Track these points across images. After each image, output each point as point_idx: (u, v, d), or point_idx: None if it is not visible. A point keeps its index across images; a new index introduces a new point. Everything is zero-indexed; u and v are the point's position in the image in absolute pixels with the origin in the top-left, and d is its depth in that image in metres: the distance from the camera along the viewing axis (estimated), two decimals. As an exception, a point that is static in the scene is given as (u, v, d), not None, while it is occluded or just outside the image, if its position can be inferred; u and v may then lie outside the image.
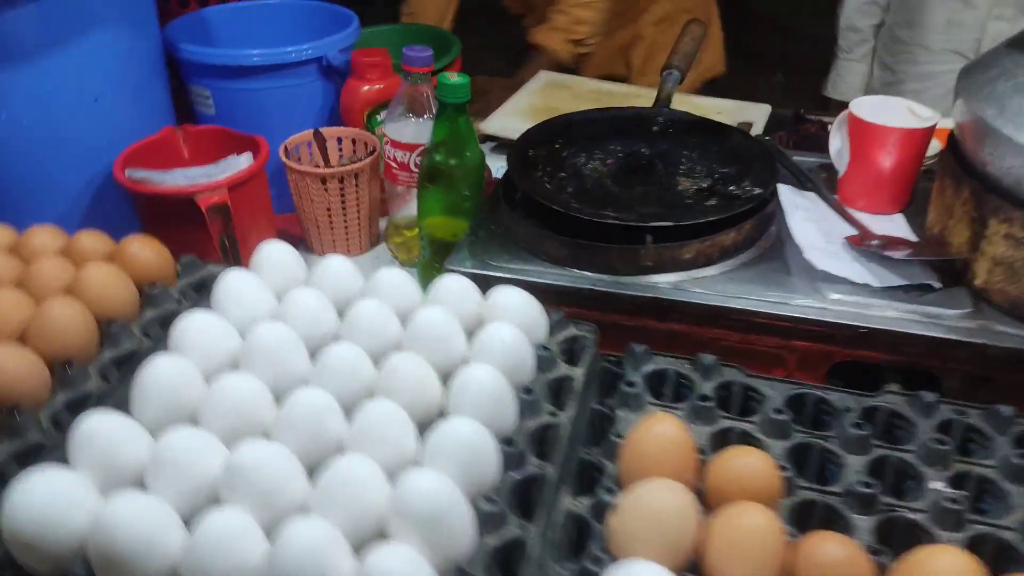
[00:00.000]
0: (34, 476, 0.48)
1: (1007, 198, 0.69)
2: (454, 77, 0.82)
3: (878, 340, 0.71)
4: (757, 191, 0.81)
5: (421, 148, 0.90)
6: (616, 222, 0.76)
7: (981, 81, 0.73)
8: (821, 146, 1.11)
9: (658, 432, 0.54)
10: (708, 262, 0.77)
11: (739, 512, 0.48)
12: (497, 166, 1.03)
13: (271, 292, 0.67)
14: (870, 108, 0.85)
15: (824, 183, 0.89)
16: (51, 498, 0.48)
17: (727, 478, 0.52)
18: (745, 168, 0.86)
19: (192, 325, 0.61)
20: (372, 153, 0.96)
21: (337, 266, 0.68)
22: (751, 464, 0.53)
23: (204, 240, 0.82)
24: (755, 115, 1.23)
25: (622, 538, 0.49)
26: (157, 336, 0.65)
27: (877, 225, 0.84)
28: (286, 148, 0.96)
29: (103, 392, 0.60)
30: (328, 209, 0.95)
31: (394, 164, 0.93)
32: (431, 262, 0.91)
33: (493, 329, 0.60)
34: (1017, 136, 0.67)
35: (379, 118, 1.03)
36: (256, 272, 0.68)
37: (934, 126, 0.83)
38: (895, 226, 0.84)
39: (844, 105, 1.62)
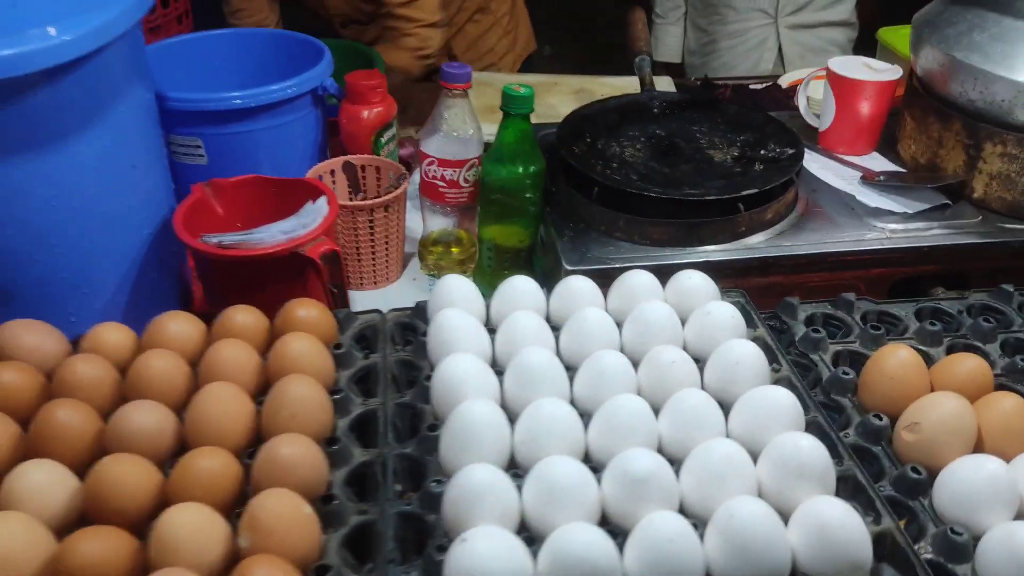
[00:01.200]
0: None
1: (1000, 124, 0.87)
2: (519, 88, 0.83)
3: (929, 256, 0.87)
4: (790, 150, 0.93)
5: (470, 162, 0.90)
6: (714, 198, 0.83)
7: (953, 34, 0.90)
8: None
9: (903, 356, 0.63)
10: (780, 219, 0.88)
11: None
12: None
13: (480, 324, 0.66)
14: (842, 67, 1.00)
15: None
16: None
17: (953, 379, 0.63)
18: (759, 132, 0.98)
19: (456, 368, 0.59)
20: (402, 179, 0.94)
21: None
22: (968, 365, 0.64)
23: (300, 294, 0.76)
24: (660, 86, 1.35)
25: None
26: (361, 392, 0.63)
27: (863, 164, 1.00)
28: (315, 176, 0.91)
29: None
30: (371, 240, 0.91)
31: (441, 183, 0.91)
32: (497, 269, 0.92)
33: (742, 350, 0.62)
34: (1010, 74, 0.84)
35: (383, 140, 1.00)
36: (455, 307, 0.66)
37: (901, 75, 0.99)
38: (877, 162, 1.01)
39: (667, 66, 1.79)
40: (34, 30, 0.62)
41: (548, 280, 0.73)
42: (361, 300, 0.94)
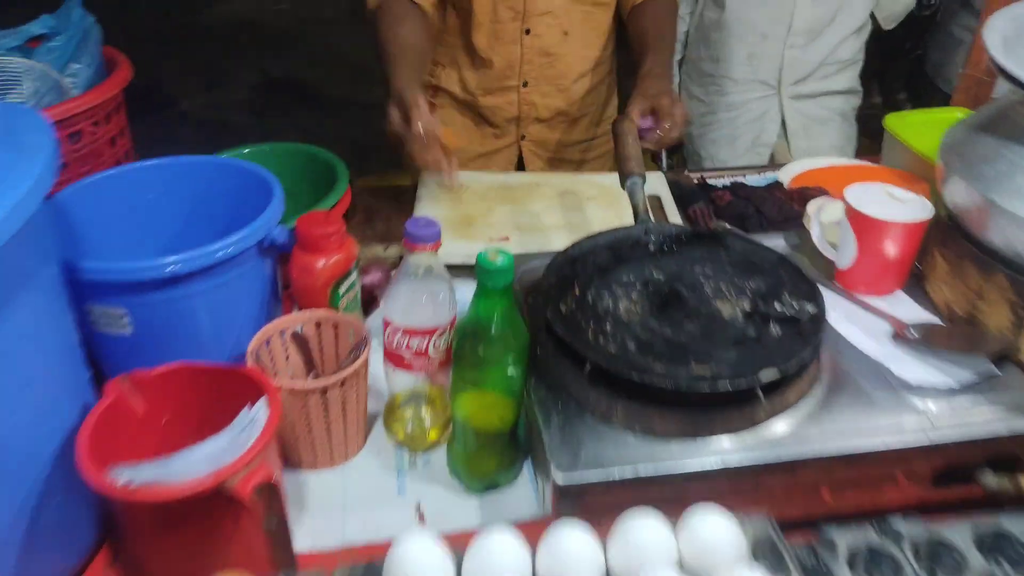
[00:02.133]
0: None
1: (1054, 285, 0.75)
2: (496, 258, 0.71)
3: (979, 443, 0.75)
4: (810, 307, 0.81)
5: (441, 330, 0.78)
6: (728, 388, 0.71)
7: (991, 175, 0.78)
8: (740, 214, 1.15)
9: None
10: (803, 396, 0.76)
11: None
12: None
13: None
14: (861, 198, 0.88)
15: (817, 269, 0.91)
16: None
17: None
18: (772, 278, 0.85)
19: None
20: (362, 346, 0.81)
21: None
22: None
23: (229, 536, 0.63)
24: (654, 185, 1.23)
25: None
26: None
27: (886, 306, 0.88)
28: (255, 354, 0.78)
29: None
30: (325, 418, 0.78)
31: (407, 352, 0.79)
32: (477, 454, 0.79)
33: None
34: (1068, 234, 0.72)
35: (341, 291, 0.87)
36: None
37: (932, 214, 0.87)
38: (905, 306, 0.89)
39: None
40: None
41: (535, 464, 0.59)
42: (315, 483, 0.81)
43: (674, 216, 1.16)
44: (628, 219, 0.96)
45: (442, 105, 1.43)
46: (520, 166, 1.47)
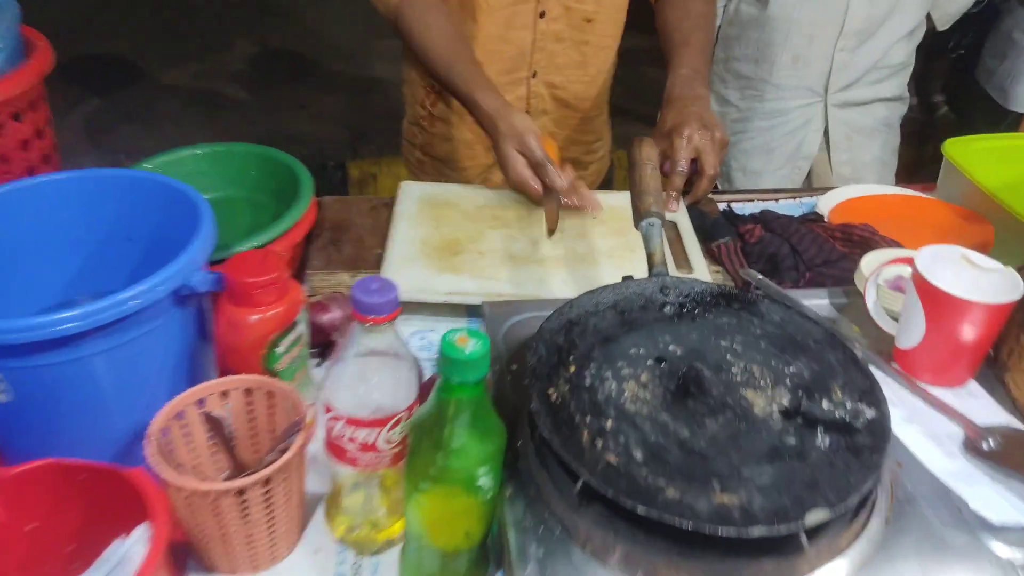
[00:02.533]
0: None
1: None
2: (467, 344, 0.54)
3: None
4: (869, 410, 0.63)
5: (396, 419, 0.61)
6: (764, 532, 0.54)
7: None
8: (773, 254, 0.98)
9: None
10: (856, 536, 0.59)
11: None
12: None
13: None
14: (933, 265, 0.70)
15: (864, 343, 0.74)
16: None
17: None
18: (816, 360, 0.68)
19: None
20: (297, 428, 0.64)
21: None
22: None
23: None
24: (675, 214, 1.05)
25: None
26: None
27: (955, 401, 0.71)
28: (158, 438, 0.61)
29: None
30: (244, 522, 0.62)
31: (350, 445, 0.62)
32: (435, 574, 0.63)
33: None
34: None
35: (279, 350, 0.70)
36: None
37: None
38: (977, 401, 0.72)
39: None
40: None
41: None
42: (235, 594, 0.65)
43: (695, 253, 0.99)
44: (639, 249, 0.79)
45: (443, 117, 1.24)
46: None
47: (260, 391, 0.68)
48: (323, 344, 0.87)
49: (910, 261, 0.72)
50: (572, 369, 0.66)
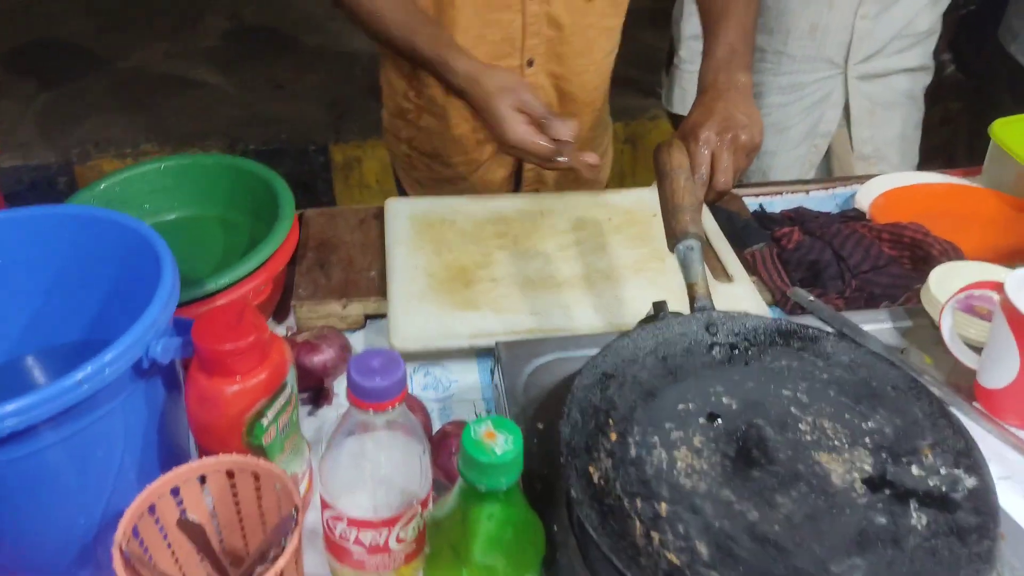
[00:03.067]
0: None
1: None
2: (495, 439, 0.43)
3: None
4: (968, 477, 0.53)
5: (410, 514, 0.50)
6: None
7: None
8: (815, 261, 0.87)
9: None
10: (964, 637, 0.49)
11: None
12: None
13: None
14: (1022, 290, 0.60)
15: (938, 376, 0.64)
16: None
17: None
18: (898, 415, 0.58)
19: None
20: (290, 523, 0.53)
21: None
22: None
23: None
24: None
25: None
26: None
27: (1053, 445, 0.61)
28: (125, 544, 0.51)
29: None
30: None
31: (356, 547, 0.52)
32: None
33: None
34: None
35: (264, 422, 0.59)
36: None
37: None
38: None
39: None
40: None
41: None
42: None
43: (731, 261, 0.88)
44: (668, 258, 0.69)
45: (429, 108, 1.11)
46: (519, 170, 1.17)
47: (244, 472, 0.57)
48: (314, 388, 0.77)
49: (995, 286, 0.62)
50: (614, 437, 0.56)
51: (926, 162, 1.62)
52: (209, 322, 0.56)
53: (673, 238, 0.69)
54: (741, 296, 0.83)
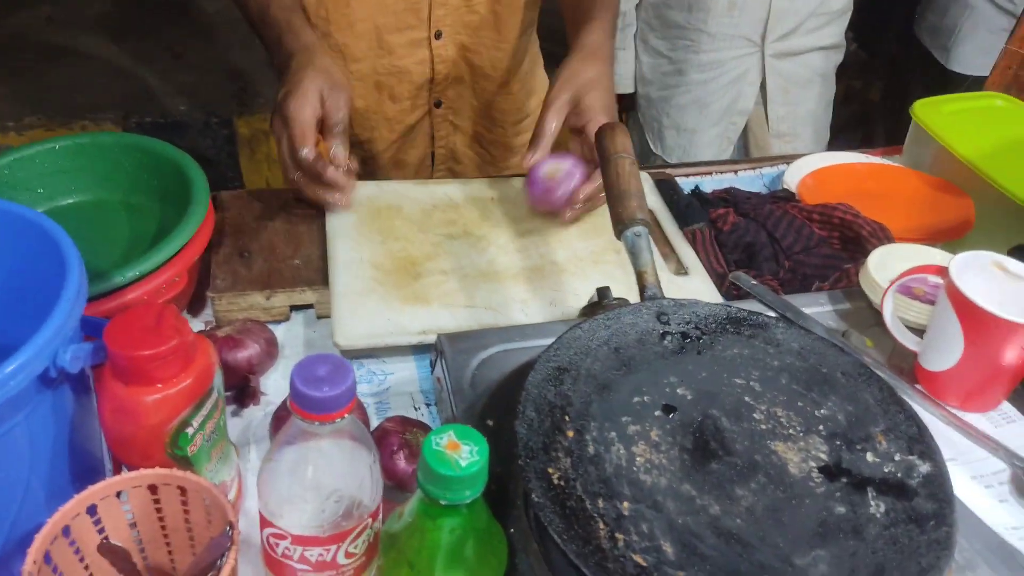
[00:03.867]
0: None
1: None
2: (459, 450, 0.40)
3: None
4: (922, 463, 0.54)
5: (361, 528, 0.47)
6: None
7: None
8: (750, 243, 0.87)
9: None
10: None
11: None
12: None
13: None
14: (970, 279, 0.61)
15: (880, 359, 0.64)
16: None
17: None
18: (849, 401, 0.58)
19: None
20: (225, 540, 0.49)
21: None
22: None
23: None
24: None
25: None
26: None
27: (990, 427, 0.63)
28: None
29: None
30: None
31: (302, 565, 0.47)
32: None
33: None
34: None
35: (190, 432, 0.54)
36: None
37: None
38: (1013, 427, 0.64)
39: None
40: None
41: None
42: None
43: (678, 241, 0.87)
44: (611, 244, 0.67)
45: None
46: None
47: (169, 487, 0.52)
48: (238, 387, 0.71)
49: (938, 270, 0.62)
50: (571, 434, 0.54)
51: (834, 139, 1.66)
52: (124, 325, 0.50)
53: (620, 224, 0.67)
54: (696, 288, 0.81)
